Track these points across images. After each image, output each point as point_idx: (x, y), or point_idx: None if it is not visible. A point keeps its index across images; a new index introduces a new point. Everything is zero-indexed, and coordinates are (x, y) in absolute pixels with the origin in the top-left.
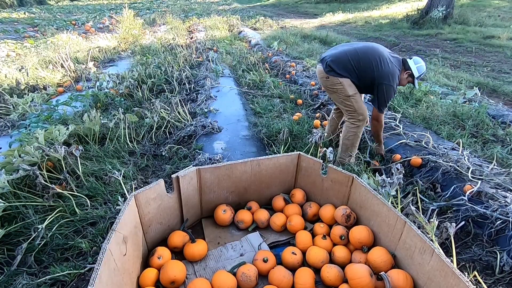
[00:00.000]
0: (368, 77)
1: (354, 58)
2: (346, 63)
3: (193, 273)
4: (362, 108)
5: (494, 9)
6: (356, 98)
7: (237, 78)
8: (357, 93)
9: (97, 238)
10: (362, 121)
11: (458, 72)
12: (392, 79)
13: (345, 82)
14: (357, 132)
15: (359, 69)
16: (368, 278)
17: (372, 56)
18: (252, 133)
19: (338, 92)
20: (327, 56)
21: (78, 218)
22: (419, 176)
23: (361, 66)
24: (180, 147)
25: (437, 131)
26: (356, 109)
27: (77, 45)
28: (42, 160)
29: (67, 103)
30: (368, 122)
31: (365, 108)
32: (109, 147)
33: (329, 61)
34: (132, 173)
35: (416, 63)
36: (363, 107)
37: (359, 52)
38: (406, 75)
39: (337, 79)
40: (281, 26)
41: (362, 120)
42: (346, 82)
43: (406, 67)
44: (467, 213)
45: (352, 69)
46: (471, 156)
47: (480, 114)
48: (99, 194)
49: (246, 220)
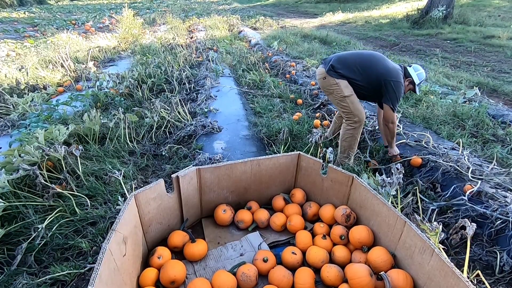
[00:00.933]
0: (374, 74)
1: (358, 58)
2: (350, 63)
3: (193, 273)
4: (358, 109)
5: (494, 9)
6: (352, 99)
7: (237, 78)
8: (353, 94)
9: (97, 238)
10: (358, 122)
11: (458, 72)
12: (399, 76)
13: (342, 83)
14: (354, 134)
15: (363, 68)
16: (368, 278)
17: (377, 55)
18: (252, 132)
19: (334, 93)
20: (331, 57)
21: (78, 218)
22: (419, 176)
23: (365, 65)
24: (180, 147)
25: (437, 131)
26: (352, 111)
27: (77, 44)
28: (42, 160)
29: (67, 103)
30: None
31: (362, 110)
32: (109, 147)
33: (333, 60)
34: (132, 173)
35: (416, 70)
36: (359, 109)
37: (364, 54)
38: (407, 83)
39: (333, 79)
40: (281, 26)
41: (358, 122)
42: (342, 83)
43: (406, 75)
44: (467, 213)
45: (356, 68)
46: (471, 156)
47: (480, 114)
48: (99, 194)
49: (246, 220)
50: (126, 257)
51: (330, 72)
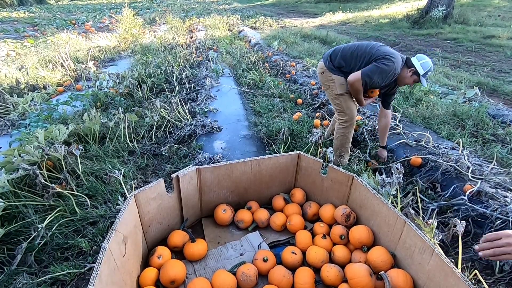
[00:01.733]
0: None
1: (355, 46)
2: (346, 52)
3: (193, 273)
4: (350, 108)
5: (494, 9)
6: (345, 97)
7: (237, 78)
8: (347, 93)
9: (97, 238)
10: (348, 122)
11: (458, 72)
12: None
13: (338, 80)
14: (345, 133)
15: (359, 55)
16: (367, 278)
17: (376, 43)
18: (252, 132)
19: (330, 89)
20: (331, 49)
21: (78, 217)
22: (419, 176)
23: (362, 51)
24: (180, 147)
25: (437, 131)
26: (343, 109)
27: (77, 44)
28: (42, 159)
29: (67, 102)
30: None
31: (354, 109)
32: (109, 147)
33: (332, 52)
34: (132, 173)
35: (420, 60)
36: (350, 108)
37: (362, 42)
38: (410, 73)
39: (331, 75)
40: (281, 26)
41: (349, 121)
42: (338, 80)
43: (409, 65)
44: (467, 213)
45: (352, 56)
46: (471, 156)
47: (480, 113)
48: (99, 194)
49: (246, 219)
50: (126, 257)
51: (328, 65)
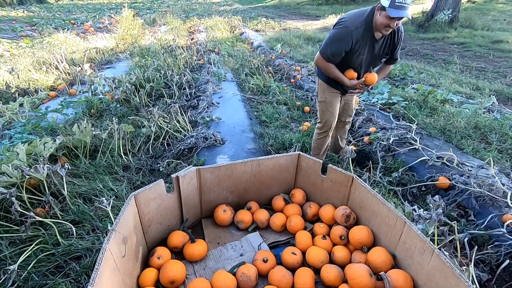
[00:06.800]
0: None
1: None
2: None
3: (193, 273)
4: (326, 117)
5: (498, 13)
6: (324, 105)
7: (240, 83)
8: (325, 101)
9: (81, 277)
10: (321, 129)
11: (470, 78)
12: (339, 22)
13: (321, 86)
14: (321, 137)
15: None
16: (367, 278)
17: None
18: (259, 145)
19: (316, 92)
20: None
21: (61, 250)
22: (447, 200)
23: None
24: (179, 162)
25: (458, 146)
26: (320, 115)
27: (74, 45)
28: (22, 180)
29: (58, 110)
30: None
31: (330, 118)
32: (101, 161)
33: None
34: (126, 193)
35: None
36: (327, 117)
37: None
38: (378, 13)
39: (317, 79)
40: (283, 28)
41: (323, 128)
42: (321, 86)
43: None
44: (511, 249)
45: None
46: (503, 176)
47: (503, 126)
48: (87, 219)
49: (246, 220)
50: (126, 257)
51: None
